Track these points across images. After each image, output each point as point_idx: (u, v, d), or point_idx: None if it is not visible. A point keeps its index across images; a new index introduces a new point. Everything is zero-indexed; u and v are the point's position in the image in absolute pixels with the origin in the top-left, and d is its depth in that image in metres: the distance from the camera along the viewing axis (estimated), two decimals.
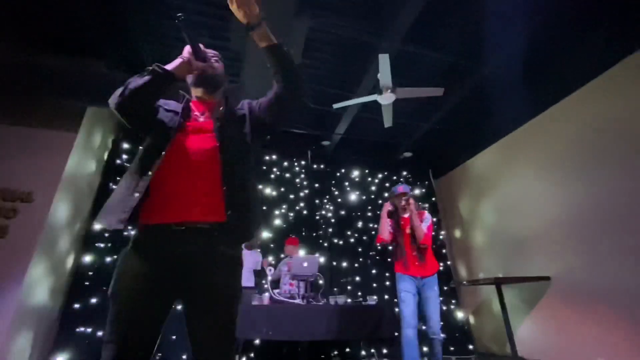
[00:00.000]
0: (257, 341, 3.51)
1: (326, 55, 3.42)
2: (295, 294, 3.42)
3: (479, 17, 2.94)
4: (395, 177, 5.34)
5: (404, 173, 5.42)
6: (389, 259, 4.01)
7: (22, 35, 2.98)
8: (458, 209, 5.10)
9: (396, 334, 3.16)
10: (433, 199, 5.41)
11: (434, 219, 5.24)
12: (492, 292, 3.83)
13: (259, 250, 3.89)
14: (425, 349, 3.72)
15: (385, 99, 3.23)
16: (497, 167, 4.40)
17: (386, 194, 5.17)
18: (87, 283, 3.45)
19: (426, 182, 5.46)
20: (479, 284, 3.88)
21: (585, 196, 3.19)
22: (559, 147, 3.52)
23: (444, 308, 4.51)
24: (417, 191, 5.32)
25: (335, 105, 3.46)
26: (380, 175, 5.30)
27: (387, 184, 5.26)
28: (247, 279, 3.58)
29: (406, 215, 2.87)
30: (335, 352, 3.94)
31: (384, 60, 2.79)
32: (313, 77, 3.70)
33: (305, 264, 3.23)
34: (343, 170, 5.13)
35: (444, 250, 5.09)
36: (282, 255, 3.97)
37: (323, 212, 4.79)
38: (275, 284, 3.63)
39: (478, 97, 3.91)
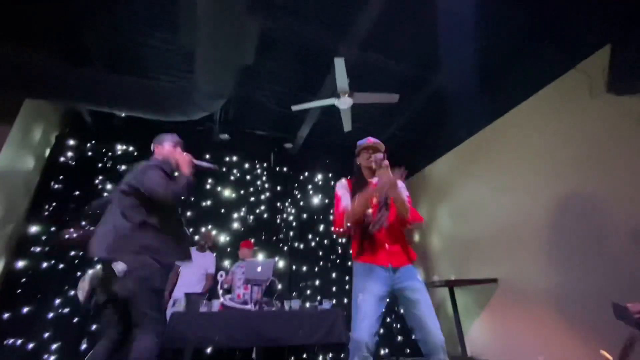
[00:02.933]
0: (208, 350, 3.38)
1: (288, 56, 3.38)
2: (248, 299, 3.32)
3: (434, 28, 3.03)
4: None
5: None
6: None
7: None
8: None
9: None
10: None
11: None
12: (445, 294, 3.94)
13: (209, 251, 3.68)
14: None
15: (343, 103, 3.25)
16: (453, 174, 4.56)
17: None
18: (18, 291, 3.16)
19: None
20: (434, 287, 3.98)
21: (530, 202, 3.37)
22: (508, 155, 3.71)
23: (402, 311, 4.55)
24: None
25: (294, 108, 3.43)
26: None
27: None
28: (195, 284, 3.37)
29: (374, 180, 1.85)
30: (292, 358, 3.87)
31: (339, 64, 2.81)
32: (275, 77, 3.65)
33: (259, 269, 3.15)
34: (306, 174, 5.11)
35: None
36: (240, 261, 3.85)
37: (284, 216, 4.74)
38: (229, 289, 3.50)
39: (436, 106, 4.04)
